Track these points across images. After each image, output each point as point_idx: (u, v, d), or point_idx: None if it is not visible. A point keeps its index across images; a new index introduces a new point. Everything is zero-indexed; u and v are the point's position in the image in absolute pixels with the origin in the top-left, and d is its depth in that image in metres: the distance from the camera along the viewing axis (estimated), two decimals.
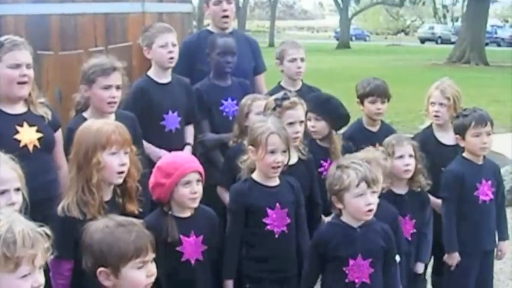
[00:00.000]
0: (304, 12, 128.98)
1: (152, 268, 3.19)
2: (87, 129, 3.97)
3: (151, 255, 3.18)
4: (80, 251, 3.56)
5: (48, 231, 2.77)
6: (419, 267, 5.13)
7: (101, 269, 3.10)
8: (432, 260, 5.70)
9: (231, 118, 5.88)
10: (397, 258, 4.51)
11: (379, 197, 4.26)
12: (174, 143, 5.47)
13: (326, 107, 5.36)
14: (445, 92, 5.69)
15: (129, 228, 3.16)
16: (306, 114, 5.19)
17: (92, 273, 3.14)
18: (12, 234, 2.63)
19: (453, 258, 5.27)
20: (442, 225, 5.28)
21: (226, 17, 6.42)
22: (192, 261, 4.14)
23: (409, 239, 5.02)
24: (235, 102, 5.91)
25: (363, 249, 4.18)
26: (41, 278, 2.73)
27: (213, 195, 4.49)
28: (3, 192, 3.46)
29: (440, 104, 5.69)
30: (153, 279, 3.19)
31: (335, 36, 68.30)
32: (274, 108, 4.98)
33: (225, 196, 5.14)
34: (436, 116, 5.73)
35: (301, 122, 5.00)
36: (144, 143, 5.15)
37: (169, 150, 4.80)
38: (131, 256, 3.09)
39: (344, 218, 4.25)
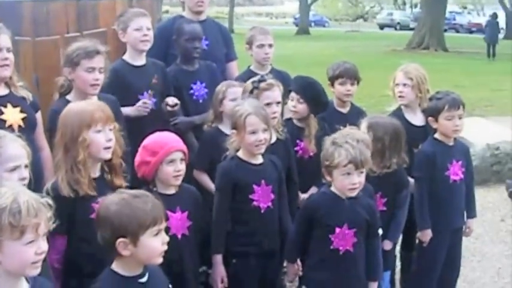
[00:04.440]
0: None
1: (165, 236, 3.34)
2: (71, 110, 4.10)
3: (164, 224, 3.33)
4: (76, 225, 3.76)
5: (51, 202, 2.92)
6: (387, 245, 5.23)
7: (120, 239, 3.21)
8: (401, 236, 5.85)
9: (201, 101, 6.09)
10: (380, 231, 4.75)
11: None
12: (149, 123, 5.53)
13: (310, 92, 5.51)
14: (408, 73, 5.88)
15: (144, 199, 3.30)
16: (289, 94, 5.41)
17: (109, 245, 3.25)
18: (18, 205, 2.76)
19: (426, 235, 5.43)
20: (413, 203, 5.43)
21: (201, 1, 6.56)
22: (179, 236, 4.30)
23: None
24: (204, 85, 6.10)
25: (349, 219, 4.40)
26: (44, 245, 2.87)
27: (187, 176, 4.65)
28: (15, 168, 3.60)
29: (404, 85, 5.87)
30: (166, 247, 3.33)
31: (294, 23, 68.14)
32: (251, 91, 5.17)
33: (202, 178, 5.36)
34: (400, 97, 5.91)
35: (278, 102, 5.21)
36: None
37: (144, 131, 4.87)
38: (149, 224, 3.22)
39: (333, 189, 4.47)
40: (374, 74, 12.93)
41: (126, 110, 5.45)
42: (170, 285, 3.65)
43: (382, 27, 67.66)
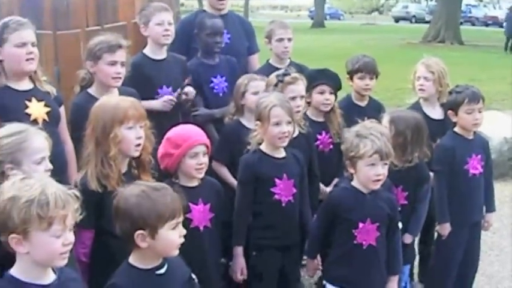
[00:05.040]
0: None
1: (183, 229, 3.37)
2: (104, 105, 4.14)
3: (182, 217, 3.36)
4: (103, 220, 3.83)
5: (78, 194, 2.96)
6: (407, 238, 5.22)
7: (138, 232, 3.24)
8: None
9: (221, 95, 6.12)
10: (400, 224, 4.77)
11: None
12: (167, 116, 5.61)
13: (337, 80, 5.65)
14: (429, 67, 5.91)
15: (163, 192, 3.33)
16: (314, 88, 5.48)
17: (127, 237, 3.29)
18: (46, 196, 2.80)
19: (445, 229, 5.44)
20: (433, 197, 5.40)
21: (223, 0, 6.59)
22: (201, 228, 4.34)
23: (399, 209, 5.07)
24: (224, 79, 6.13)
25: (371, 214, 4.43)
26: (71, 237, 2.91)
27: (208, 168, 4.67)
28: (41, 160, 3.66)
29: (425, 78, 5.90)
30: (183, 239, 3.36)
31: (309, 16, 68.04)
32: (276, 84, 5.22)
33: (221, 170, 5.39)
34: (421, 90, 5.93)
35: (302, 96, 5.26)
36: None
37: (163, 125, 4.92)
38: (168, 218, 3.26)
39: (354, 183, 4.49)
40: (390, 67, 12.91)
41: (151, 104, 5.51)
42: (193, 275, 3.68)
43: (397, 20, 67.32)
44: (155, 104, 5.62)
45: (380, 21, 64.63)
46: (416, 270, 6.18)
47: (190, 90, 5.86)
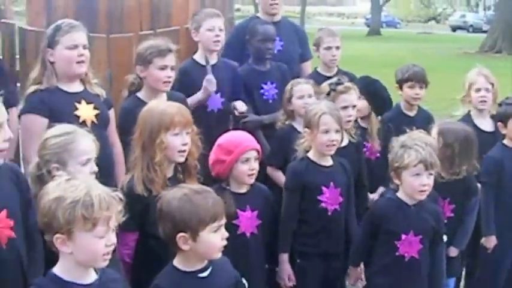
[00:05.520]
0: None
1: (225, 232, 3.40)
2: (152, 111, 4.19)
3: (224, 220, 3.40)
4: (147, 223, 3.87)
5: (121, 196, 3.01)
6: (452, 252, 5.18)
7: (180, 234, 3.30)
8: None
9: (270, 101, 6.13)
10: (444, 238, 4.74)
11: None
12: (215, 123, 5.67)
13: (371, 87, 5.63)
14: (488, 78, 5.85)
15: (205, 195, 3.38)
16: None
17: (169, 239, 3.35)
18: (90, 198, 2.85)
19: (490, 242, 5.39)
20: (480, 209, 5.33)
21: (275, 4, 6.59)
22: (247, 234, 4.40)
23: (445, 221, 5.01)
24: (274, 85, 6.13)
25: (415, 226, 4.42)
26: (113, 238, 2.97)
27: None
28: (87, 162, 3.72)
29: (486, 90, 5.82)
30: (225, 242, 3.40)
31: (366, 23, 67.70)
32: (328, 93, 5.23)
33: (276, 175, 5.43)
34: (482, 102, 5.83)
35: (354, 106, 5.25)
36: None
37: (211, 130, 5.00)
38: (209, 221, 3.30)
39: (399, 195, 4.48)
40: (445, 76, 12.81)
41: (194, 98, 5.56)
42: (244, 280, 3.73)
43: (454, 29, 66.56)
44: (198, 94, 5.64)
45: (437, 30, 63.98)
46: (462, 283, 6.11)
47: (242, 106, 5.89)
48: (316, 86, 5.60)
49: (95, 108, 4.79)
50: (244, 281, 3.73)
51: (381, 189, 5.46)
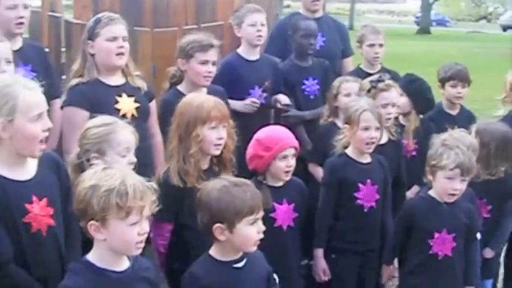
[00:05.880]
0: None
1: (262, 225, 3.44)
2: (189, 103, 4.22)
3: (261, 213, 3.43)
4: (181, 214, 3.92)
5: (156, 186, 3.06)
6: (488, 253, 5.13)
7: (217, 225, 3.34)
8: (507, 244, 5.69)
9: (312, 97, 6.15)
10: (478, 235, 4.71)
11: None
12: (257, 116, 5.70)
13: (413, 86, 5.62)
14: None
15: (244, 188, 3.42)
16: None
17: (207, 229, 3.40)
18: (125, 187, 2.91)
19: None
20: None
21: (317, 0, 6.59)
22: (284, 227, 4.42)
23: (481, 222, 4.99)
24: (316, 81, 6.15)
25: (448, 224, 4.42)
26: (146, 227, 3.02)
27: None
28: (125, 153, 3.80)
29: None
30: (262, 235, 3.43)
31: (415, 21, 67.10)
32: (369, 90, 5.24)
33: (317, 171, 5.46)
34: None
35: (394, 104, 5.25)
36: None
37: (251, 125, 5.01)
38: (246, 213, 3.34)
39: (432, 193, 4.49)
40: (493, 76, 12.61)
41: (235, 104, 5.56)
42: (275, 276, 3.74)
43: (505, 28, 65.43)
44: (238, 105, 5.67)
45: (487, 30, 63.18)
46: (500, 285, 6.06)
47: (285, 99, 5.92)
48: None
49: (135, 101, 4.84)
50: (275, 276, 3.74)
51: (415, 188, 5.46)
